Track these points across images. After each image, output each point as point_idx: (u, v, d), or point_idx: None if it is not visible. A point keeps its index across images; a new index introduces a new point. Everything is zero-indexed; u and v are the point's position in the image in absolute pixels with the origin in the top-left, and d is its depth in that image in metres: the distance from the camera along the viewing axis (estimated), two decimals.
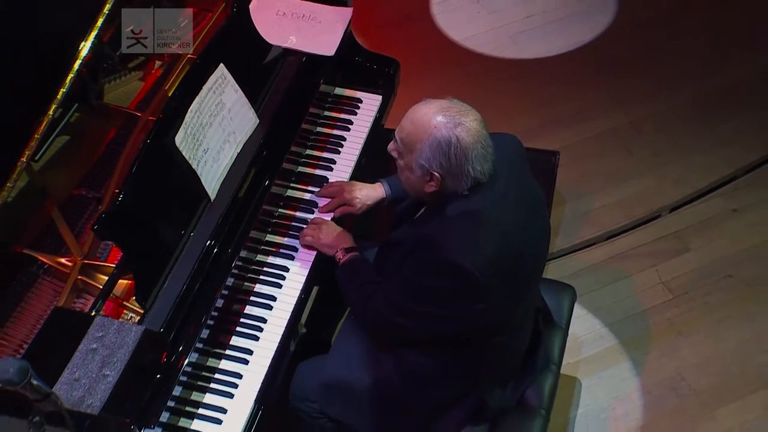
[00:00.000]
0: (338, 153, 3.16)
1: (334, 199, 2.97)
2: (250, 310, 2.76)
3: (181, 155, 2.64)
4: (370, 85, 3.36)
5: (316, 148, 3.16)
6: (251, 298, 2.78)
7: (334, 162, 3.13)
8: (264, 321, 2.74)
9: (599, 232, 3.96)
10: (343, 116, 3.27)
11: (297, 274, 2.84)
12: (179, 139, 2.63)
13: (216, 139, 2.79)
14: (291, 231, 2.93)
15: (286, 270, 2.84)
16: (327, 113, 3.27)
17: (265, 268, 2.84)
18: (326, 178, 3.08)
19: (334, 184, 3.02)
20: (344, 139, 3.20)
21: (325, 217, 2.95)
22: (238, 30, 3.10)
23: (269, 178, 2.88)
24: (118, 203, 2.53)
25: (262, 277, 2.83)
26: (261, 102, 3.02)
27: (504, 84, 4.62)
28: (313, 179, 3.07)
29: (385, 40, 4.36)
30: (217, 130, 2.79)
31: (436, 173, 2.38)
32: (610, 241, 3.95)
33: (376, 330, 2.71)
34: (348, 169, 3.12)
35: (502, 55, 4.79)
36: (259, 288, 2.81)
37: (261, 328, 2.72)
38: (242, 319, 2.74)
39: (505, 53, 4.80)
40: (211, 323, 2.61)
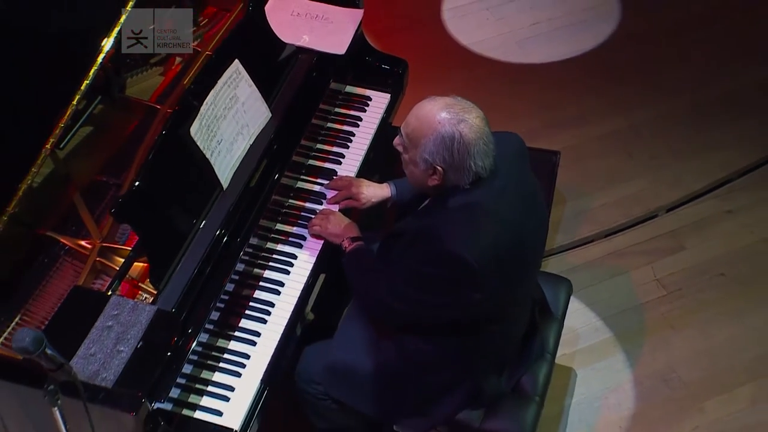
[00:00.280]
0: (347, 148, 3.19)
1: (342, 192, 3.00)
2: (259, 294, 2.80)
3: (196, 145, 2.68)
4: (380, 84, 3.41)
5: (327, 143, 3.20)
6: (260, 283, 2.82)
7: (342, 156, 3.17)
8: (272, 305, 2.78)
9: (598, 230, 3.97)
10: (353, 113, 3.31)
11: (305, 262, 2.88)
12: (194, 130, 2.67)
13: (230, 131, 2.82)
14: (300, 220, 2.97)
15: (295, 257, 2.88)
16: (338, 110, 3.30)
17: (275, 255, 2.88)
18: (335, 171, 3.11)
19: (344, 178, 3.05)
20: (353, 135, 3.24)
21: (333, 208, 2.98)
22: (253, 28, 3.12)
23: (279, 170, 2.91)
24: (135, 189, 2.57)
25: (271, 264, 2.86)
26: (274, 97, 3.05)
27: (509, 87, 4.62)
28: (323, 172, 3.11)
29: (396, 43, 4.32)
30: (231, 123, 2.83)
31: (439, 167, 2.43)
32: (608, 238, 3.96)
33: (378, 316, 2.74)
34: (356, 163, 3.16)
35: (508, 60, 4.78)
36: (269, 274, 2.84)
37: (269, 312, 2.76)
38: (251, 303, 2.77)
39: (512, 58, 4.79)
40: (221, 306, 2.65)
